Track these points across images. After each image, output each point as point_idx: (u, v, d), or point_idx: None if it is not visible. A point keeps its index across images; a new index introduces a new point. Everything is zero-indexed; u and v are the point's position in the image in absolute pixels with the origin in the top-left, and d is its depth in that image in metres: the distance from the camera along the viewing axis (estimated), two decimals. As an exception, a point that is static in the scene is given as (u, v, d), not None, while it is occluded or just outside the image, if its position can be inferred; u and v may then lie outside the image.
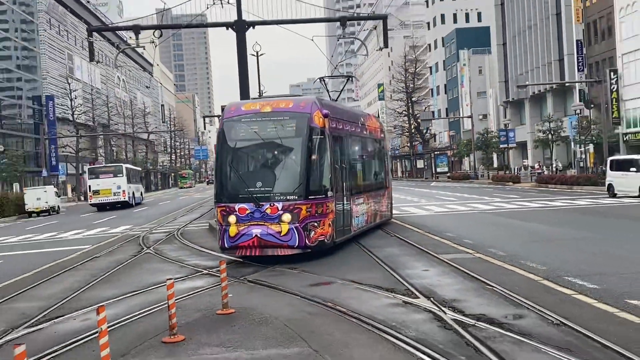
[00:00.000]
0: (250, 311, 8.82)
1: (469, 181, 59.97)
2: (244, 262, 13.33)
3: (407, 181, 75.48)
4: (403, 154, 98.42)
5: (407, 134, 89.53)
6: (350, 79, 27.85)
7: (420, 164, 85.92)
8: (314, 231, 12.98)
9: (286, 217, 12.77)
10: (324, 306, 8.96)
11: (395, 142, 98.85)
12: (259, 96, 28.36)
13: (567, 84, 55.90)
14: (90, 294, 11.21)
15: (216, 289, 9.90)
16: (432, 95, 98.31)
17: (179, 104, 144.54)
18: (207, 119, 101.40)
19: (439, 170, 76.93)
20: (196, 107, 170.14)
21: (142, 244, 18.64)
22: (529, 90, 62.00)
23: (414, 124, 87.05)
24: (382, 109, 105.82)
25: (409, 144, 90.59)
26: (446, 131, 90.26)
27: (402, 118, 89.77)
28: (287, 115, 13.57)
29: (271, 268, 12.55)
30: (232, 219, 13.07)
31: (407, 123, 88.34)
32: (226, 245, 13.35)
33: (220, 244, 13.62)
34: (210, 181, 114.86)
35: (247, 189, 13.07)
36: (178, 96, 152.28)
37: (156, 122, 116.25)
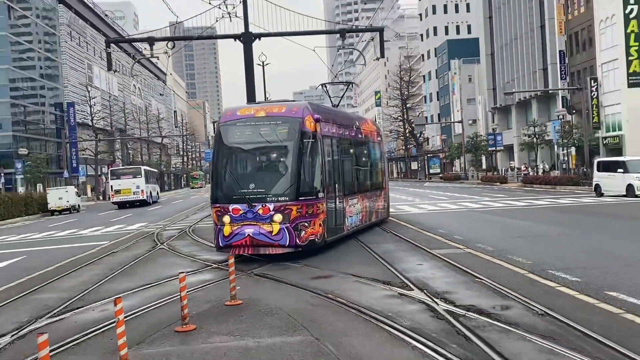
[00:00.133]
0: (257, 302, 8.80)
1: (459, 182, 59.86)
2: (251, 257, 13.20)
3: (402, 182, 75.42)
4: (398, 156, 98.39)
5: (402, 138, 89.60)
6: (350, 85, 27.49)
7: (414, 165, 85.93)
8: (304, 231, 12.64)
9: (277, 217, 12.44)
10: (325, 298, 8.95)
11: (391, 146, 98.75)
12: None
13: (550, 91, 55.91)
14: (108, 286, 11.19)
15: (225, 281, 9.88)
16: (426, 102, 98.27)
17: (190, 110, 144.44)
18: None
19: (431, 171, 77.07)
20: (206, 113, 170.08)
21: (157, 240, 18.60)
22: (515, 97, 62.08)
23: (408, 128, 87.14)
24: (378, 114, 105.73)
25: (404, 147, 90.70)
26: (438, 135, 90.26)
27: (398, 123, 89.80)
28: (280, 119, 13.20)
29: (276, 262, 12.50)
30: (226, 219, 12.75)
31: (402, 128, 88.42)
32: (220, 244, 13.01)
33: (215, 243, 13.37)
34: None
35: (240, 190, 12.73)
36: (189, 103, 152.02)
37: (169, 126, 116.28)
